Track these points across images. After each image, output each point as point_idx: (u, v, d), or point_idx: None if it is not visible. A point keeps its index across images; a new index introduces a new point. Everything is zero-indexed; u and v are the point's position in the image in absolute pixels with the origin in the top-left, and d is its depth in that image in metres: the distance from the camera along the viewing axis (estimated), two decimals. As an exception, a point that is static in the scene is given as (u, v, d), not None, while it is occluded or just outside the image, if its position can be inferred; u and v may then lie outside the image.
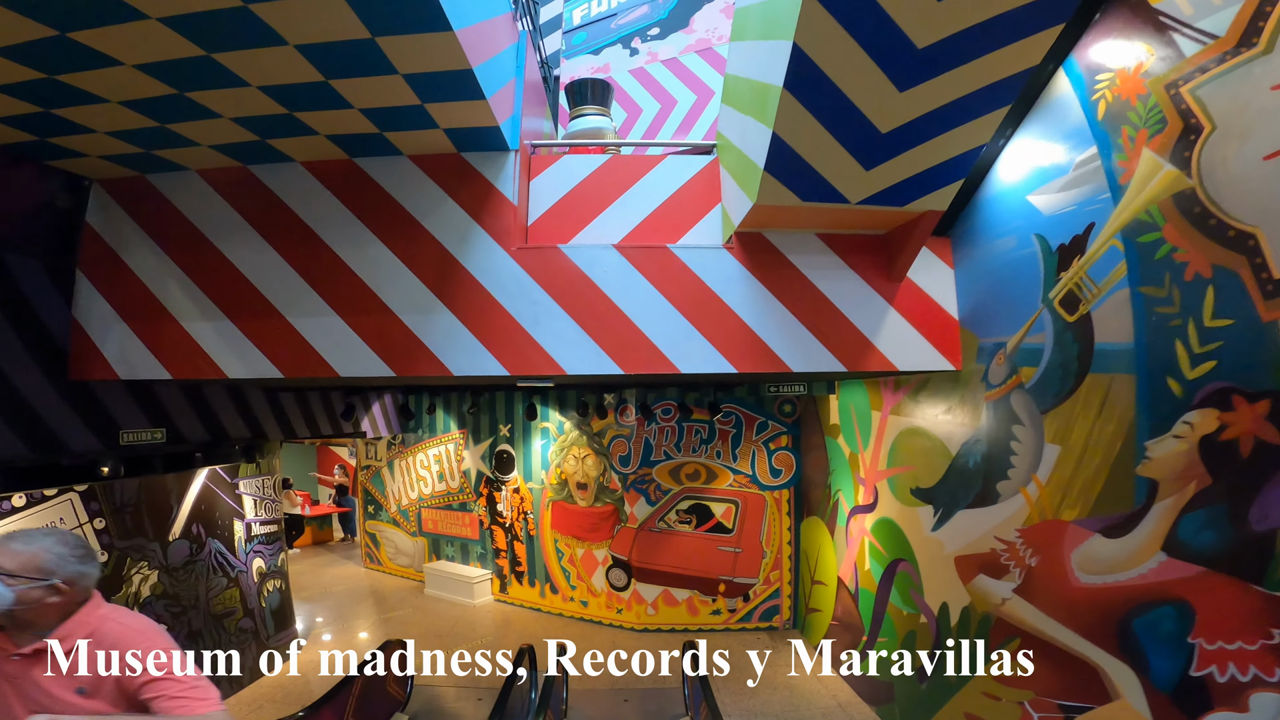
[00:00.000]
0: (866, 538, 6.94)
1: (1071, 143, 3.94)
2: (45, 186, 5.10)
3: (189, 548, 6.43)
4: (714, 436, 9.12)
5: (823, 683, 7.42)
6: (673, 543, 9.03)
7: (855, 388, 7.56)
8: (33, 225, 5.12)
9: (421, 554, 11.28)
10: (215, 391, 6.93)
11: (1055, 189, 4.08)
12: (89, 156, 4.90)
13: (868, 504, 6.97)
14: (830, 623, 7.88)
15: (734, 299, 5.31)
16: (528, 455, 10.01)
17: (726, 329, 5.26)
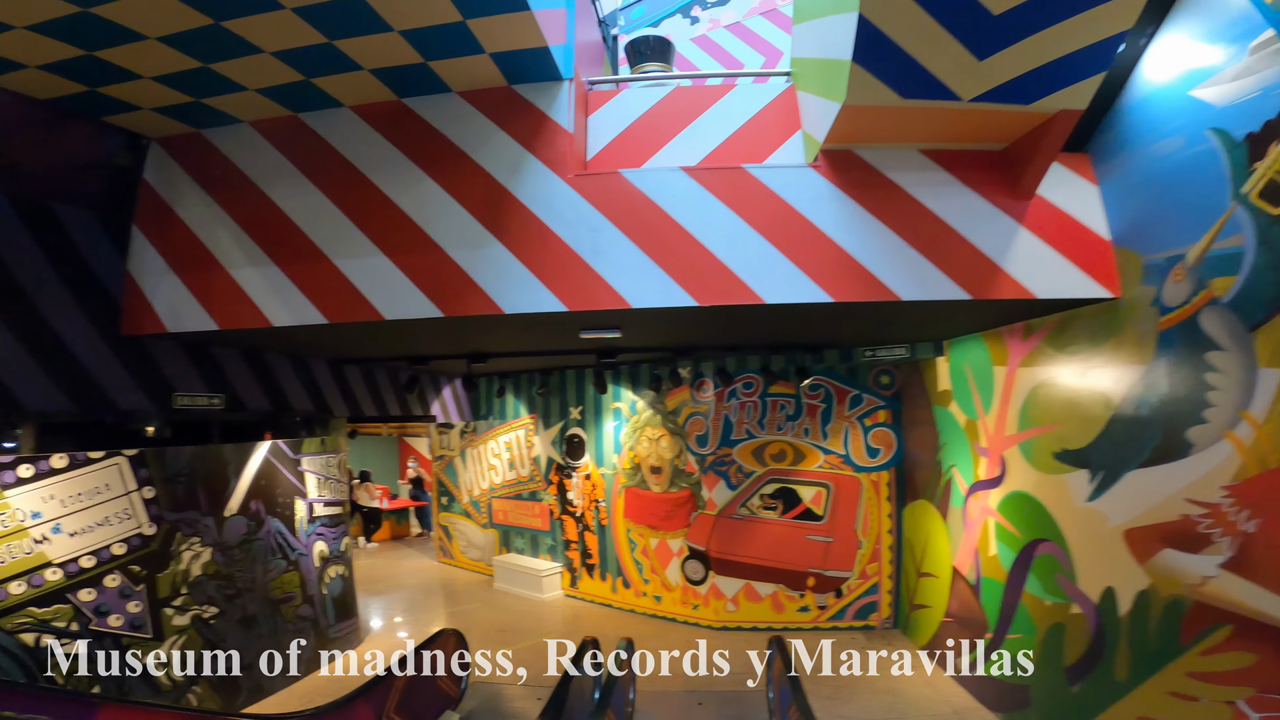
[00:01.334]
0: (992, 518, 5.87)
1: (1238, 30, 3.48)
2: (103, 144, 5.01)
3: (246, 525, 6.13)
4: (801, 412, 8.20)
5: (933, 686, 6.40)
6: (756, 531, 8.15)
7: (970, 344, 6.52)
8: (88, 181, 5.03)
9: (492, 547, 10.86)
10: (278, 361, 6.71)
11: (1227, 79, 3.54)
12: (142, 109, 4.76)
13: (992, 478, 5.91)
14: (942, 620, 6.79)
15: (825, 221, 4.55)
16: (599, 439, 9.40)
17: (817, 253, 4.50)
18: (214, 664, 5.59)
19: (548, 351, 7.18)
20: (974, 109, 4.10)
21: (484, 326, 5.55)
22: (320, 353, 7.04)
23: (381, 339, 5.98)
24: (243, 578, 6.03)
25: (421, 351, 7.05)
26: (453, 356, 7.15)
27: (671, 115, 5.10)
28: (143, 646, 5.09)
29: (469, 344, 6.70)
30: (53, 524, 4.59)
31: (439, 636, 5.94)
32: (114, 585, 4.93)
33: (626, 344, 6.71)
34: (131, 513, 5.08)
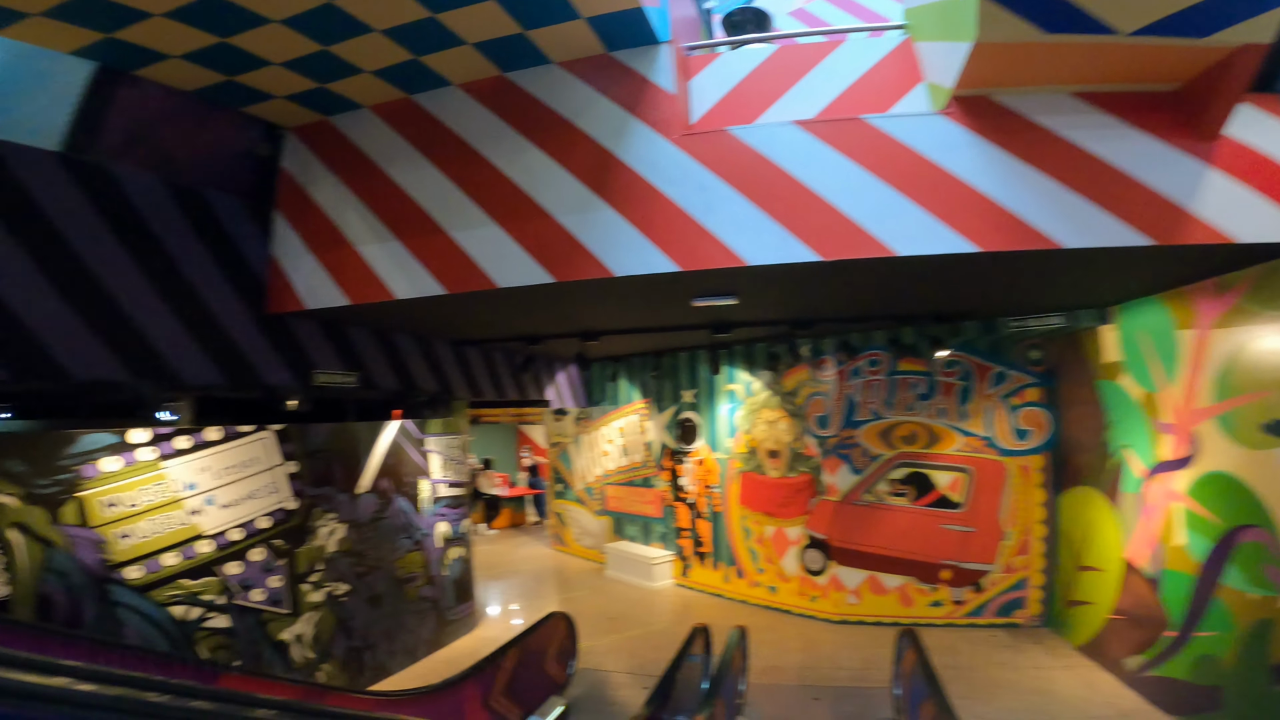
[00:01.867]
0: (1178, 504, 5.04)
1: None
2: (246, 134, 5.37)
3: (376, 503, 6.40)
4: (935, 391, 7.51)
5: (1092, 687, 5.67)
6: (883, 519, 7.55)
7: (1145, 308, 5.66)
8: (235, 170, 5.41)
9: (605, 534, 10.87)
10: (405, 341, 6.97)
11: None
12: (275, 98, 5.02)
13: (1180, 458, 5.07)
14: (1108, 617, 5.96)
15: (963, 168, 4.11)
16: (713, 422, 9.12)
17: (955, 201, 4.06)
18: (344, 641, 5.82)
19: (660, 328, 6.99)
20: (1136, 44, 3.56)
21: (594, 298, 5.46)
22: (442, 332, 7.25)
23: (496, 313, 6.03)
24: (372, 556, 6.29)
25: (534, 331, 7.09)
26: (565, 335, 7.14)
27: (777, 75, 4.77)
28: (280, 622, 5.33)
29: (580, 321, 6.66)
30: (206, 495, 4.90)
31: (548, 620, 5.90)
32: (258, 559, 5.20)
33: (742, 316, 6.40)
34: (276, 487, 5.41)
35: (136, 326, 4.54)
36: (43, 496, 3.97)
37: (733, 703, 5.11)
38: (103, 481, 4.27)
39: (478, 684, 4.75)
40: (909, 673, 5.02)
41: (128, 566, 4.34)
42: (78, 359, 4.19)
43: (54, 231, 4.18)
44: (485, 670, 4.89)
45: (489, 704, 4.79)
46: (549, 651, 5.82)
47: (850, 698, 5.73)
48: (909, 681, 4.99)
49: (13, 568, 3.77)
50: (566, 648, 6.11)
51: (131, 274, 4.56)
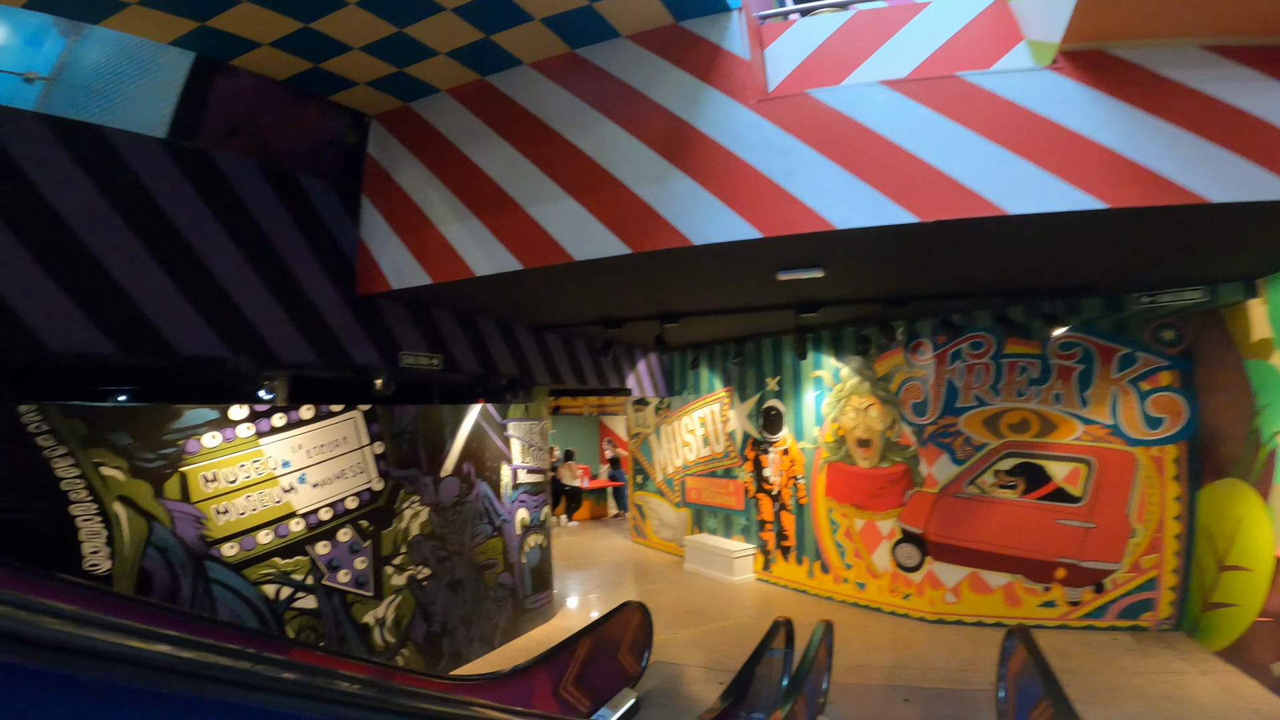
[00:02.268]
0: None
1: None
2: (334, 123, 5.56)
3: (459, 487, 6.47)
4: (1049, 375, 6.84)
5: (1231, 692, 5.07)
6: (988, 513, 6.96)
7: None
8: (326, 156, 5.63)
9: (684, 526, 10.66)
10: (487, 325, 7.04)
11: None
12: (358, 84, 5.14)
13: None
14: (1255, 620, 5.23)
15: (1079, 122, 3.76)
16: (799, 410, 8.73)
17: (1072, 155, 3.71)
18: (423, 626, 5.86)
19: (743, 309, 6.71)
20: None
21: (674, 273, 5.28)
22: (523, 316, 7.27)
23: (575, 293, 5.96)
24: (453, 540, 6.35)
25: (614, 313, 6.98)
26: (645, 318, 6.99)
27: (860, 38, 4.45)
28: (364, 604, 5.41)
29: (661, 301, 6.49)
30: (299, 473, 5.06)
31: (622, 610, 5.75)
32: (345, 539, 5.32)
33: (830, 294, 6.05)
34: (364, 467, 5.54)
35: (237, 305, 4.77)
36: (147, 470, 4.16)
37: (815, 701, 4.81)
38: (204, 457, 4.46)
39: (549, 672, 4.66)
40: (1017, 673, 4.57)
41: (224, 543, 4.51)
42: (181, 335, 4.42)
43: (161, 214, 4.41)
44: (557, 658, 4.79)
45: (559, 693, 4.69)
46: (623, 642, 5.67)
47: (945, 700, 5.29)
48: (1017, 683, 4.54)
49: (116, 542, 3.94)
50: (641, 639, 5.94)
51: (232, 255, 4.78)
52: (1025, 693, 4.20)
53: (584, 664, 5.03)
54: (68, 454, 3.81)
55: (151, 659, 1.10)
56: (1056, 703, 3.51)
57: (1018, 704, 4.39)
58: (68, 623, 1.03)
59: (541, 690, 4.57)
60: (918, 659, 6.18)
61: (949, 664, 6.02)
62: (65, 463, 3.80)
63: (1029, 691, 4.07)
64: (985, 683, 5.48)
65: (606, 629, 5.45)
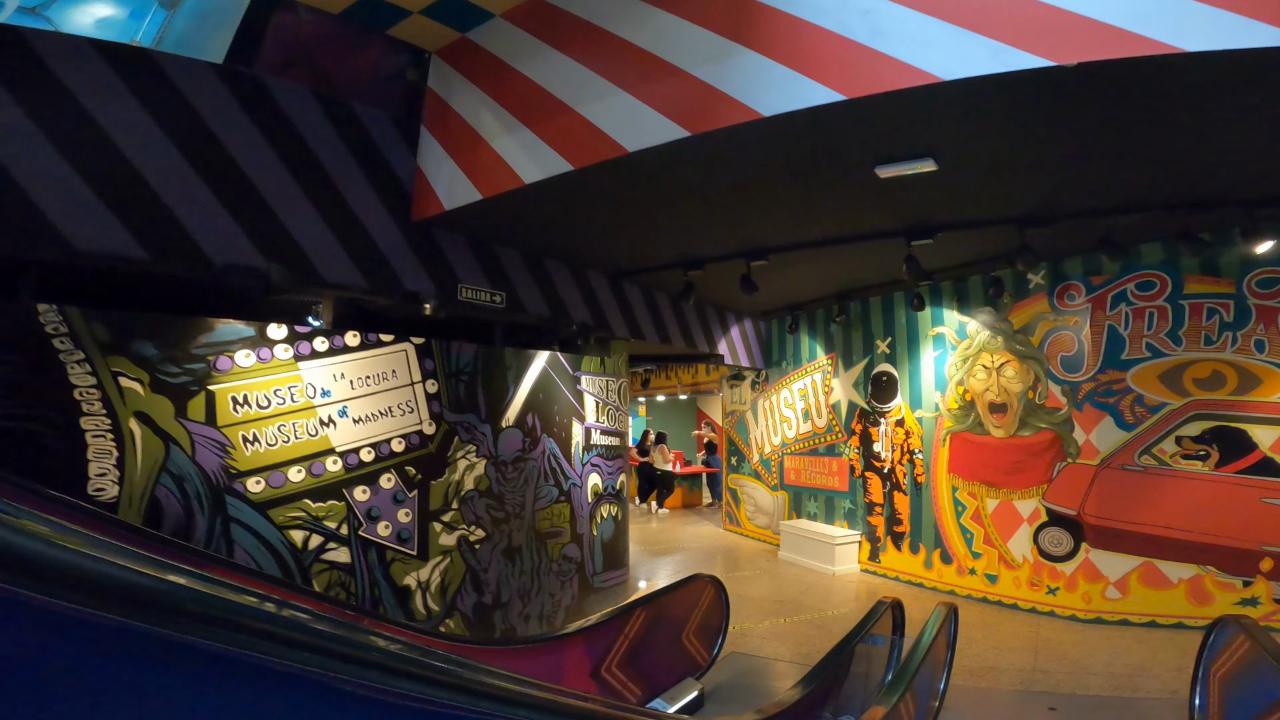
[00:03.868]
0: None
1: None
2: (395, 59, 5.33)
3: (521, 441, 5.88)
4: (1247, 318, 5.36)
5: None
6: (1167, 489, 5.52)
7: None
8: (387, 90, 5.41)
9: (781, 512, 9.62)
10: (556, 268, 6.50)
11: None
12: (412, 14, 4.80)
13: None
14: None
15: None
16: (915, 374, 7.53)
17: None
18: (472, 595, 5.25)
19: (840, 238, 5.69)
20: None
21: (751, 183, 4.47)
22: (594, 258, 6.63)
23: (640, 216, 5.25)
24: (512, 500, 5.73)
25: (691, 250, 6.20)
26: (728, 256, 6.14)
27: None
28: (405, 564, 4.83)
29: (742, 231, 5.65)
30: (340, 405, 4.61)
31: (691, 583, 4.89)
32: (389, 486, 4.80)
33: (948, 213, 4.96)
34: (414, 406, 5.06)
35: (280, 221, 4.47)
36: (171, 386, 3.80)
37: (927, 703, 3.76)
38: (235, 376, 4.09)
39: (588, 647, 3.90)
40: (1231, 674, 3.36)
41: (250, 477, 4.07)
42: (218, 245, 4.13)
43: (208, 132, 4.21)
44: (600, 632, 4.00)
45: (601, 674, 3.91)
46: (690, 623, 4.82)
47: (1107, 710, 4.11)
48: (1230, 686, 3.33)
49: (127, 464, 3.57)
50: (713, 622, 5.06)
51: (279, 173, 4.53)
52: (1248, 697, 3.02)
53: (637, 643, 4.24)
54: (85, 360, 3.52)
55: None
56: None
57: (1231, 712, 3.21)
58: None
59: (576, 667, 3.80)
60: (1067, 662, 4.94)
61: (1111, 668, 4.76)
62: (81, 370, 3.50)
63: (1256, 694, 2.90)
64: (1163, 690, 4.23)
65: (668, 604, 4.64)
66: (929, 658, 3.53)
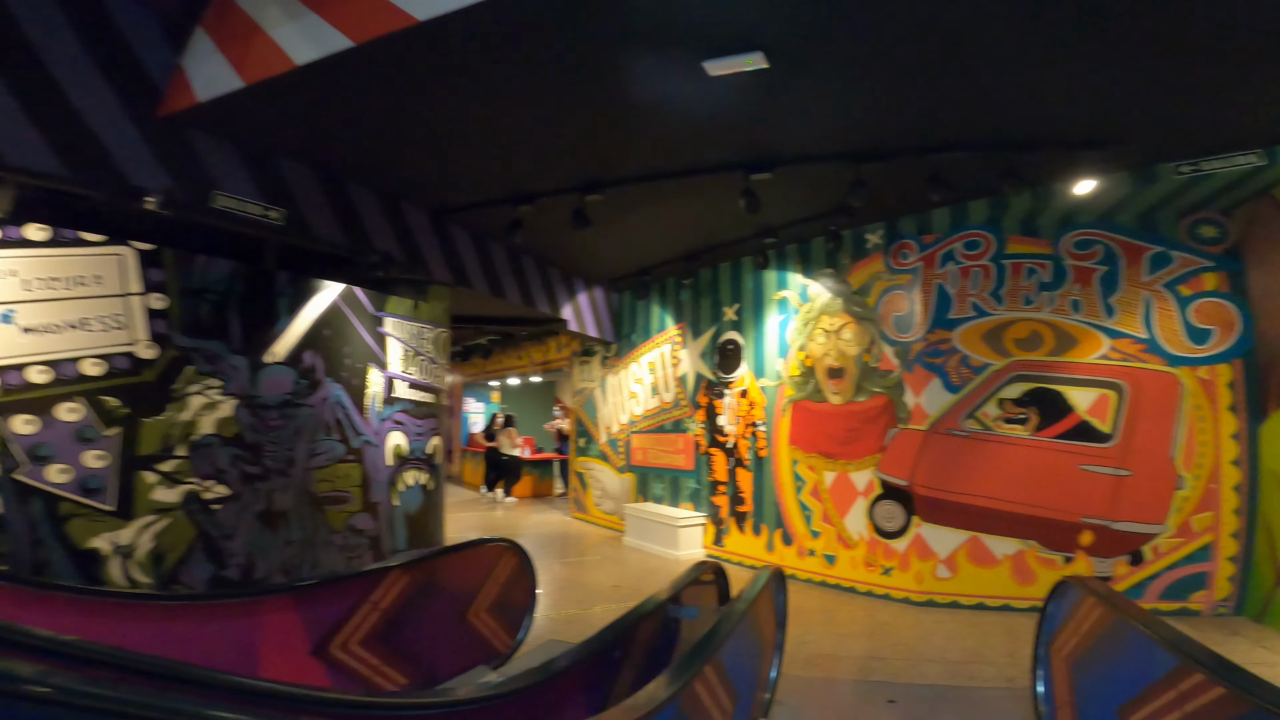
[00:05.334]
0: None
1: None
2: None
3: (293, 382, 4.87)
4: (1064, 278, 5.41)
5: None
6: (991, 456, 5.45)
7: None
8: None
9: (628, 495, 9.07)
10: (363, 195, 5.56)
11: None
12: None
13: None
14: None
15: None
16: (759, 341, 7.22)
17: None
18: (205, 567, 4.18)
19: (676, 172, 5.20)
20: None
21: (578, 100, 3.85)
22: (409, 187, 5.73)
23: (449, 120, 4.45)
24: (276, 454, 4.70)
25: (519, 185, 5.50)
26: (558, 192, 5.48)
27: None
28: (94, 521, 3.71)
29: (571, 164, 5.04)
30: (3, 310, 3.49)
31: (480, 546, 4.14)
32: (71, 420, 3.67)
33: (787, 144, 4.59)
34: (126, 322, 3.95)
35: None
36: None
37: (752, 695, 3.18)
38: None
39: (303, 613, 3.02)
40: (1080, 649, 3.01)
41: None
42: None
43: None
44: (325, 596, 3.13)
45: (331, 652, 3.05)
46: (480, 599, 4.03)
47: (946, 701, 3.73)
48: (1079, 665, 2.98)
49: None
50: (516, 600, 4.28)
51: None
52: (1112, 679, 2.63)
53: (396, 617, 3.41)
54: None
55: None
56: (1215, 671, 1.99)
57: (1089, 698, 2.81)
58: None
59: (281, 641, 2.90)
60: (903, 648, 4.61)
61: (946, 654, 4.46)
62: None
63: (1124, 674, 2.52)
64: (1000, 678, 3.96)
65: (445, 572, 3.83)
66: (749, 638, 2.96)
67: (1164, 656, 2.25)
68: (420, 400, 6.03)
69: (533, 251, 7.61)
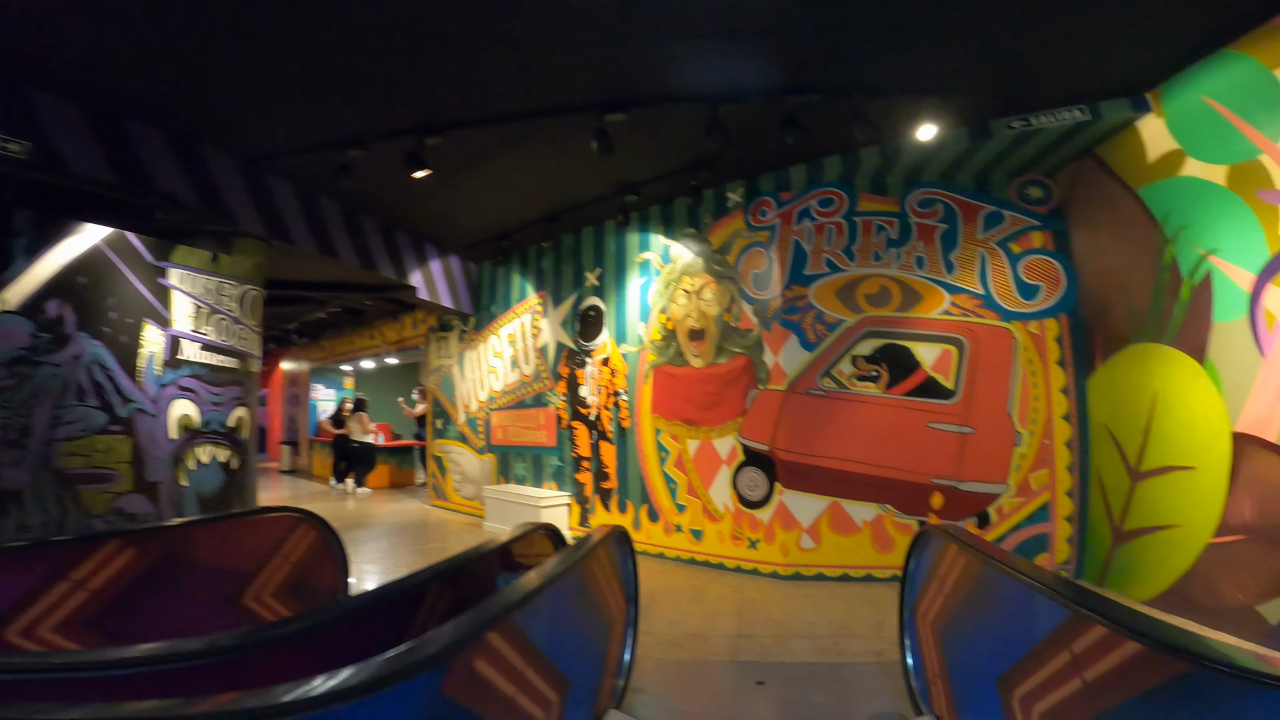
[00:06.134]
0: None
1: None
2: None
3: (30, 335, 3.92)
4: (910, 235, 5.46)
5: None
6: (848, 416, 5.40)
7: (1209, 71, 3.80)
8: None
9: (489, 477, 8.46)
10: (146, 135, 4.60)
11: None
12: None
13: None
14: (1209, 542, 3.86)
15: None
16: (621, 305, 6.87)
17: None
18: None
19: (525, 113, 4.70)
20: None
21: None
22: (205, 121, 4.82)
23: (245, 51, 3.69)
24: (5, 421, 3.77)
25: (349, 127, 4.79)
26: (395, 134, 4.81)
27: None
28: None
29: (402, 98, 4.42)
30: None
31: (261, 516, 3.53)
32: None
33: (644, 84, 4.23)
34: None
35: None
36: None
37: (592, 682, 2.68)
38: None
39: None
40: (947, 611, 2.69)
41: None
42: None
43: None
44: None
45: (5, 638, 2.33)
46: (261, 579, 3.37)
47: (816, 680, 3.43)
48: (948, 630, 2.64)
49: None
50: (315, 582, 3.63)
51: None
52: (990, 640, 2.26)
53: (113, 599, 2.69)
54: None
55: None
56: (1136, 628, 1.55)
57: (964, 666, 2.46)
58: None
59: None
60: (771, 624, 4.35)
61: (814, 629, 4.23)
62: None
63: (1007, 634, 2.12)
64: (869, 652, 3.78)
65: (200, 547, 3.15)
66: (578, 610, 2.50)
67: (1048, 608, 1.85)
68: (219, 365, 5.14)
69: (376, 211, 6.82)
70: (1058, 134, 4.74)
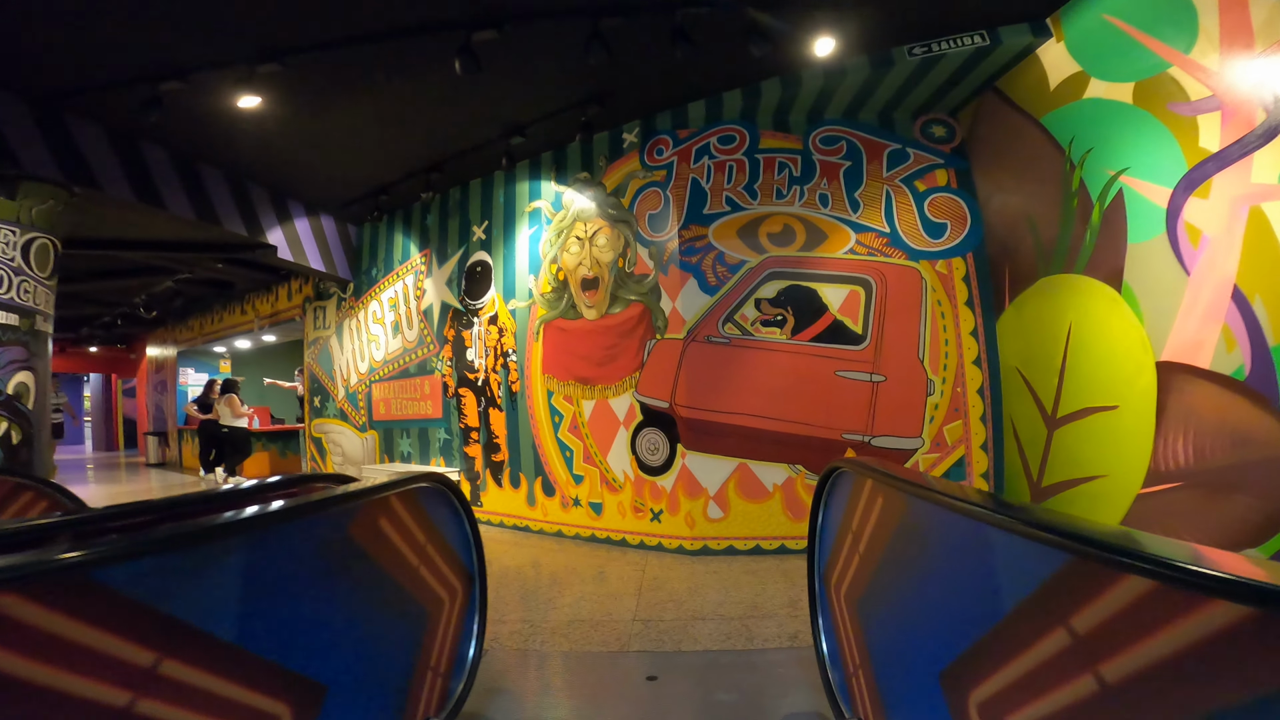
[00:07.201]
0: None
1: None
2: None
3: None
4: (813, 173, 5.09)
5: None
6: (752, 366, 4.99)
7: None
8: None
9: (371, 457, 7.65)
10: None
11: None
12: None
13: (1241, 139, 2.82)
14: (1139, 493, 3.63)
15: None
16: (510, 258, 6.23)
17: None
18: None
19: (375, 35, 3.97)
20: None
21: None
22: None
23: None
24: None
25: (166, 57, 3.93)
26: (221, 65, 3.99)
27: None
28: None
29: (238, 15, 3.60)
30: None
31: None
32: None
33: None
34: None
35: None
36: None
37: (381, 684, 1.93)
38: None
39: None
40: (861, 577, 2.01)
41: None
42: None
43: None
44: None
45: None
46: None
47: (718, 672, 2.91)
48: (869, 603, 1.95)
49: None
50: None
51: None
52: (920, 618, 1.60)
53: None
54: None
55: None
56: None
57: (888, 656, 1.84)
58: None
59: None
60: (673, 606, 3.82)
61: (721, 610, 3.73)
62: None
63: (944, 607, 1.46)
64: (782, 635, 3.30)
65: None
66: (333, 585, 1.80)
67: (1025, 557, 1.15)
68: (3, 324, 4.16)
69: (221, 162, 5.88)
70: (959, 64, 4.47)
